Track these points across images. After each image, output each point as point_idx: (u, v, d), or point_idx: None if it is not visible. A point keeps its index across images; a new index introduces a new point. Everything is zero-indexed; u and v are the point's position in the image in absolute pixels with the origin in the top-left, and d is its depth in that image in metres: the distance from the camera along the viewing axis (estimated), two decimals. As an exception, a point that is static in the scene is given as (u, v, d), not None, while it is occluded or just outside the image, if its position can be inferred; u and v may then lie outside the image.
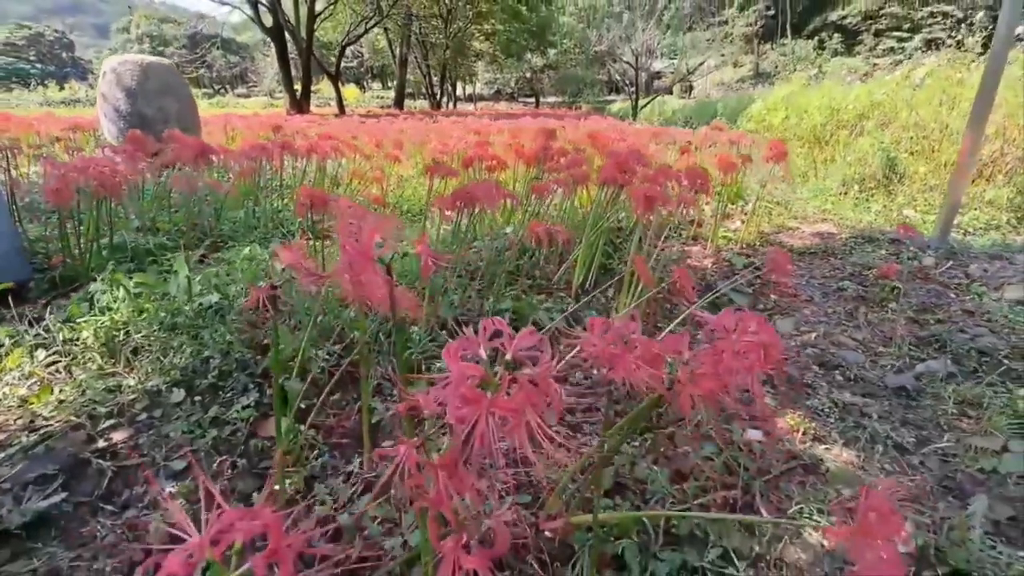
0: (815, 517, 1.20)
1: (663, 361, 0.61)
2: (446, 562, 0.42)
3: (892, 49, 22.65)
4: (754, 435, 1.50)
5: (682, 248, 3.23)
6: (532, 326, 0.49)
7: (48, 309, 1.88)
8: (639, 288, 2.05)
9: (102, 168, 2.07)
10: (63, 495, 1.09)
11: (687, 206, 2.06)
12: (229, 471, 1.20)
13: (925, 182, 5.08)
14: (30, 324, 1.71)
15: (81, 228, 2.33)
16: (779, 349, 0.64)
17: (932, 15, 23.61)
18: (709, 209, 3.84)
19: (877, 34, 25.29)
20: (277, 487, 1.10)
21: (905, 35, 23.65)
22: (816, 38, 27.14)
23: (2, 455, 1.22)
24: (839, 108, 7.35)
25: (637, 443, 1.41)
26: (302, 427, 1.32)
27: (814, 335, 2.30)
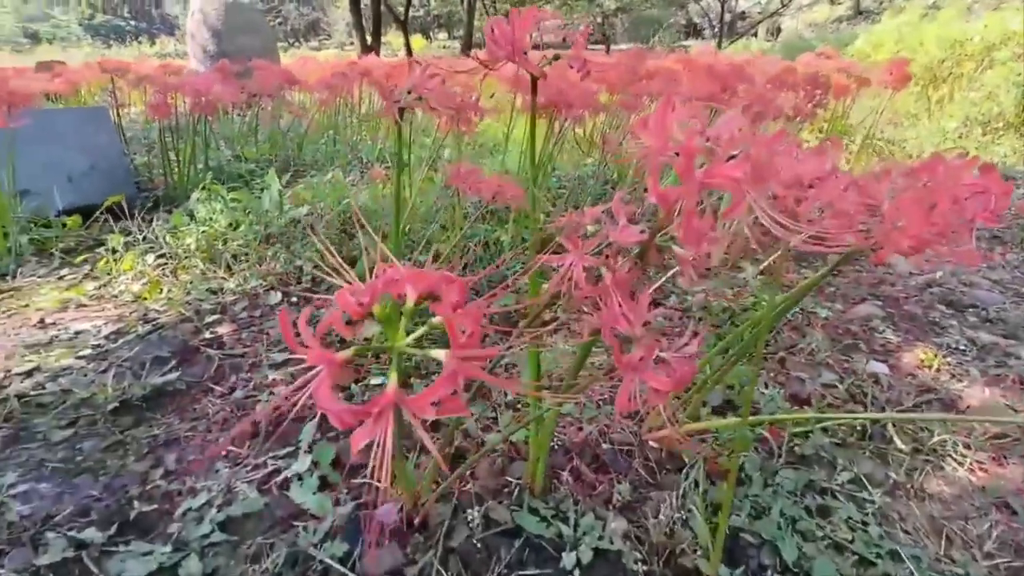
0: (960, 451, 1.06)
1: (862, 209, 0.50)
2: (627, 380, 0.35)
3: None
4: (878, 367, 1.35)
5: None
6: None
7: (153, 222, 1.98)
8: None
9: (198, 87, 2.10)
10: (177, 374, 1.13)
11: (804, 119, 1.82)
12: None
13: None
14: (139, 231, 1.80)
15: (180, 159, 2.43)
16: (1007, 199, 0.51)
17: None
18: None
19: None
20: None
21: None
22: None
23: (121, 341, 1.28)
24: (962, 40, 6.40)
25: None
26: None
27: (939, 274, 2.04)
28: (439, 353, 0.32)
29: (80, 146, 2.14)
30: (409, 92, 0.61)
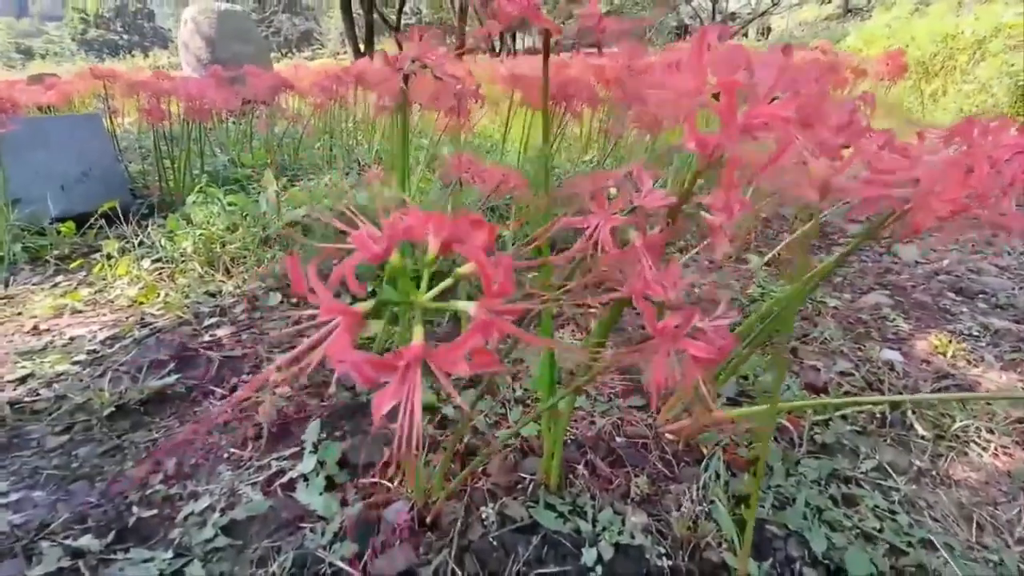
0: (984, 436, 1.03)
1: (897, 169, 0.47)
2: (662, 351, 0.33)
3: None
4: (892, 355, 1.32)
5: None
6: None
7: (148, 227, 1.94)
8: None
9: (192, 91, 2.08)
10: (176, 377, 1.10)
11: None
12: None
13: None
14: (134, 236, 1.76)
15: (175, 165, 2.40)
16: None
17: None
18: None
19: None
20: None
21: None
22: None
23: (117, 345, 1.25)
24: (954, 34, 6.42)
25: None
26: (397, 328, 1.27)
27: (946, 262, 2.03)
28: (467, 305, 0.29)
29: (73, 153, 2.11)
30: (413, 60, 0.58)
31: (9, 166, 1.82)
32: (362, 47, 14.00)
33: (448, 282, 0.33)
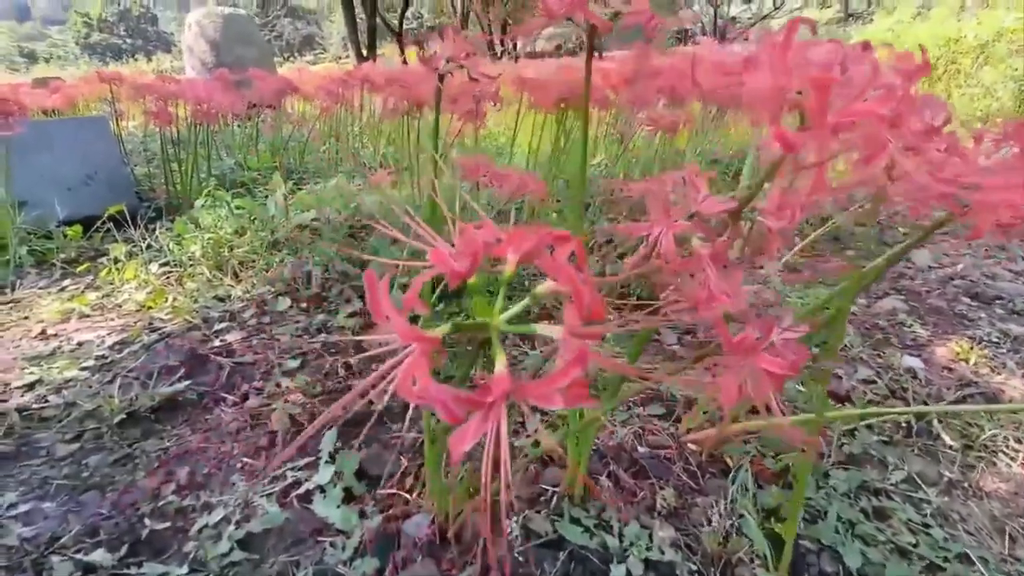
0: (1012, 446, 1.01)
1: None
2: (734, 367, 0.30)
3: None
4: (912, 362, 1.30)
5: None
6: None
7: (156, 231, 1.93)
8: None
9: (199, 94, 2.07)
10: (186, 383, 1.08)
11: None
12: (343, 370, 1.15)
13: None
14: (141, 240, 1.75)
15: (182, 168, 2.38)
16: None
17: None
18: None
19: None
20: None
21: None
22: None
23: (126, 351, 1.23)
24: (956, 38, 6.42)
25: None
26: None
27: (959, 267, 2.01)
28: (552, 330, 0.26)
29: (79, 156, 2.10)
30: (448, 60, 0.57)
31: (15, 169, 1.81)
32: (364, 51, 14.04)
33: (525, 303, 0.30)
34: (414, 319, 0.73)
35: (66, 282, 1.61)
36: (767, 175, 0.33)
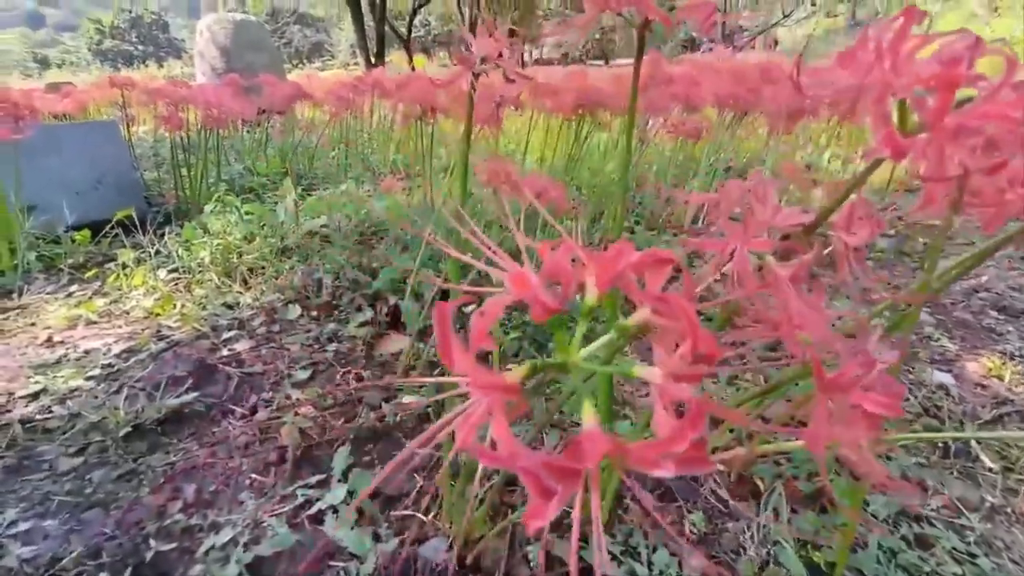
0: (1057, 469, 0.96)
1: None
2: (822, 404, 0.27)
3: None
4: (943, 377, 1.25)
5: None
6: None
7: (164, 236, 1.91)
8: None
9: (209, 99, 2.05)
10: (194, 394, 1.05)
11: (843, 119, 1.75)
12: (354, 382, 1.12)
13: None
14: (150, 245, 1.73)
15: (191, 173, 2.37)
16: None
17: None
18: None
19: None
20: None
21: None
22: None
23: (133, 359, 1.20)
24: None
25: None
26: (422, 345, 1.22)
27: (984, 278, 1.96)
28: (648, 371, 0.22)
29: (89, 160, 2.09)
30: (483, 60, 0.54)
31: (25, 173, 1.79)
32: (373, 58, 14.12)
33: (610, 337, 0.26)
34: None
35: (73, 288, 1.59)
36: (854, 185, 0.30)
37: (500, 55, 0.53)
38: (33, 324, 1.39)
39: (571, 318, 1.20)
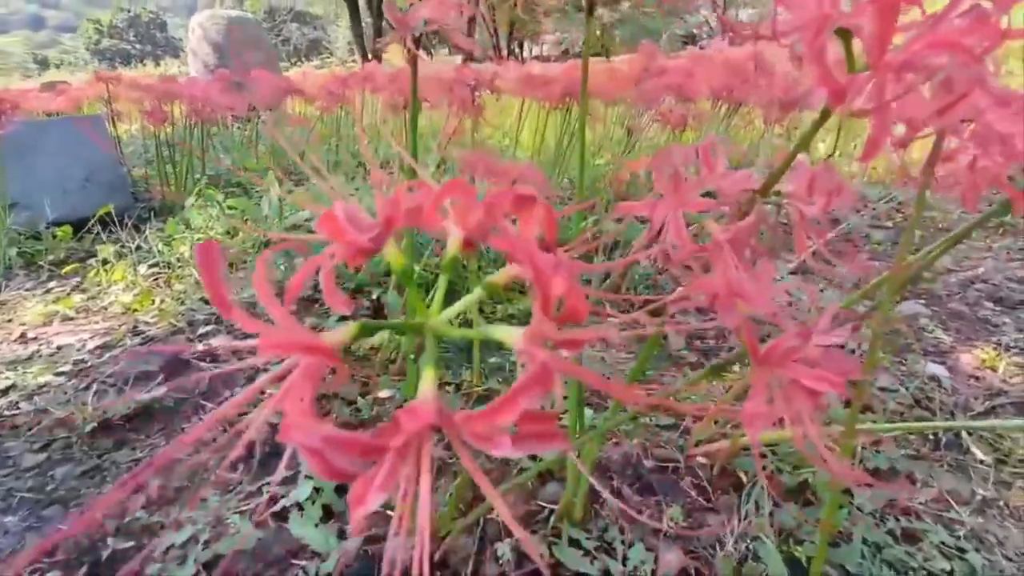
0: (1051, 461, 0.93)
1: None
2: (760, 380, 0.24)
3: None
4: (937, 369, 1.23)
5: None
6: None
7: (147, 231, 1.88)
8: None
9: (195, 93, 2.02)
10: (164, 390, 1.02)
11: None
12: (329, 376, 1.09)
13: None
14: (131, 240, 1.70)
15: (176, 169, 2.34)
16: None
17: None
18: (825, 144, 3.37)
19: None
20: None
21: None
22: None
23: (107, 355, 1.18)
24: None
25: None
26: (402, 339, 1.19)
27: (981, 270, 1.92)
28: (508, 333, 0.19)
29: (74, 156, 2.06)
30: (426, 23, 0.51)
31: (7, 168, 1.77)
32: (369, 53, 14.08)
33: (476, 295, 0.23)
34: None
35: (52, 284, 1.56)
36: (801, 144, 0.27)
37: (446, 20, 0.50)
38: (10, 320, 1.37)
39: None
